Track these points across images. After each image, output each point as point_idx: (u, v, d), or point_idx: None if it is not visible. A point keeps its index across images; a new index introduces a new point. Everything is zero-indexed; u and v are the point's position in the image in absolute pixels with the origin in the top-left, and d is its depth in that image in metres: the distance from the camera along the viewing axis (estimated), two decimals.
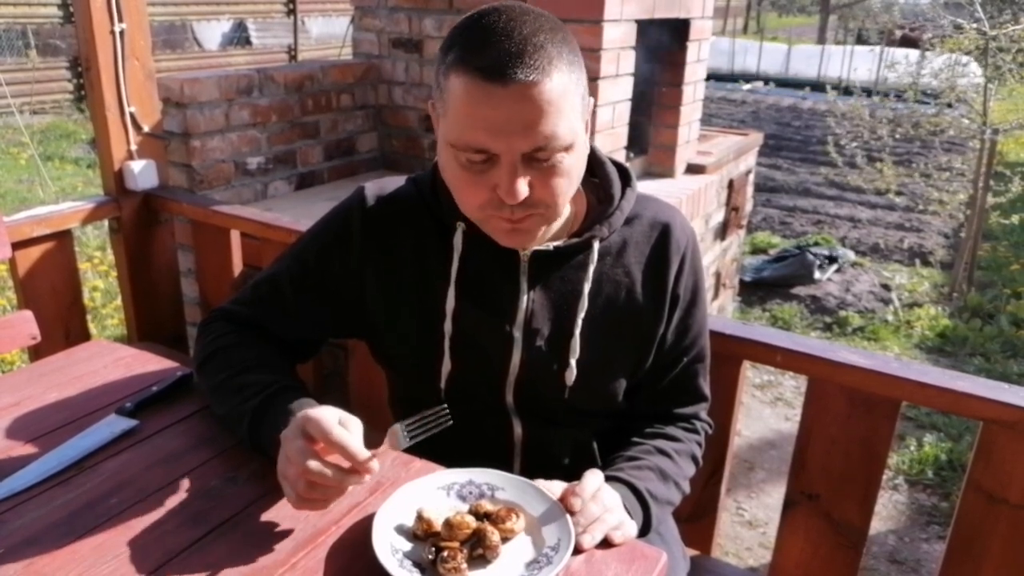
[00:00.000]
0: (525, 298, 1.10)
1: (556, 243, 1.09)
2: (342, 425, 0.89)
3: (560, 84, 0.91)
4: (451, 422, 0.94)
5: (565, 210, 1.11)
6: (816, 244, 5.26)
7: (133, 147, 2.23)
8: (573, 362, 1.10)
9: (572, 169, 0.98)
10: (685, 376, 1.19)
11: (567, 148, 0.95)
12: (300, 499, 0.88)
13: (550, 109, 0.91)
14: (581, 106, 0.97)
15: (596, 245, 1.10)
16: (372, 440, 1.02)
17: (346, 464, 0.87)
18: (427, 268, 1.11)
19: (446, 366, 1.11)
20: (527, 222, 0.99)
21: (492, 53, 0.89)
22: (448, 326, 1.09)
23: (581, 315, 1.09)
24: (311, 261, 1.16)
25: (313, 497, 0.88)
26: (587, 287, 1.10)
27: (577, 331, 1.09)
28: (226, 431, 1.10)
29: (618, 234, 1.13)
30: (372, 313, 1.15)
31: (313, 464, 0.86)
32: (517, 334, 1.09)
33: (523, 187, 0.93)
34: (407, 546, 0.88)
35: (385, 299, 1.13)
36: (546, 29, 0.92)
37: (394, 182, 1.17)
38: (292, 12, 11.30)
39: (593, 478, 0.98)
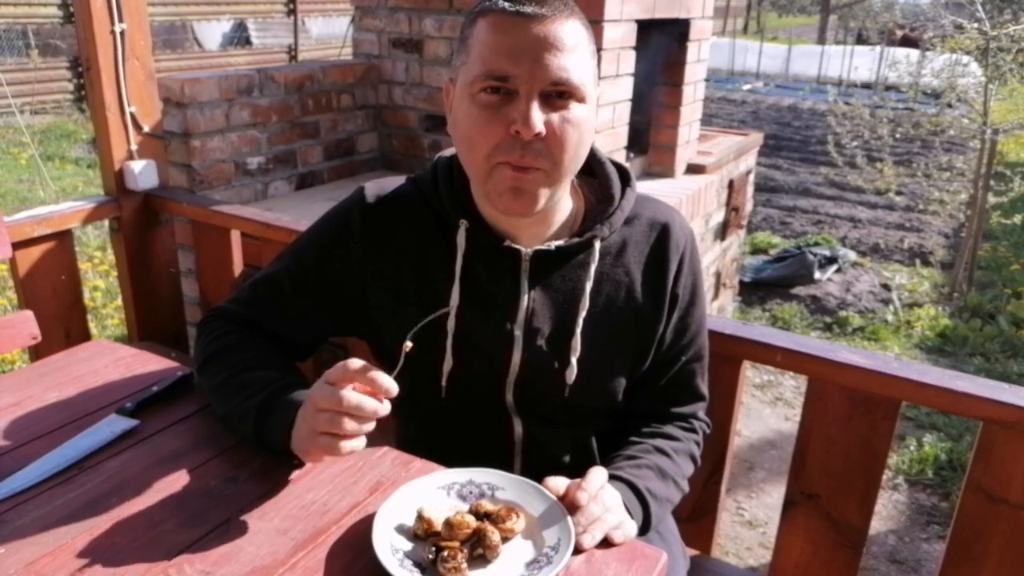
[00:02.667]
0: (526, 297, 1.10)
1: (557, 242, 1.09)
2: None
3: (578, 34, 0.98)
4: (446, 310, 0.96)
5: (567, 206, 1.11)
6: (816, 244, 5.26)
7: (133, 147, 2.23)
8: (574, 361, 1.10)
9: (583, 125, 0.99)
10: (683, 375, 1.20)
11: (582, 98, 0.98)
12: (339, 439, 0.88)
13: (569, 46, 0.96)
14: (593, 77, 1.01)
15: (597, 244, 1.10)
16: (371, 439, 1.02)
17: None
18: (429, 266, 1.11)
19: (447, 364, 1.11)
20: (530, 178, 0.98)
21: None
22: (451, 323, 1.09)
23: (583, 314, 1.10)
24: (311, 260, 1.16)
25: (350, 431, 0.88)
26: (589, 286, 1.10)
27: (578, 330, 1.10)
28: (227, 430, 1.10)
29: (618, 234, 1.13)
30: (373, 312, 1.15)
31: (349, 393, 0.86)
32: (518, 333, 1.10)
33: (539, 119, 0.95)
34: (407, 546, 0.88)
35: (386, 297, 1.13)
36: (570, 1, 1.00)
37: (394, 181, 1.17)
38: (292, 12, 11.30)
39: (598, 474, 0.98)
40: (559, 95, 0.96)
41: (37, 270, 2.04)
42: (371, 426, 0.89)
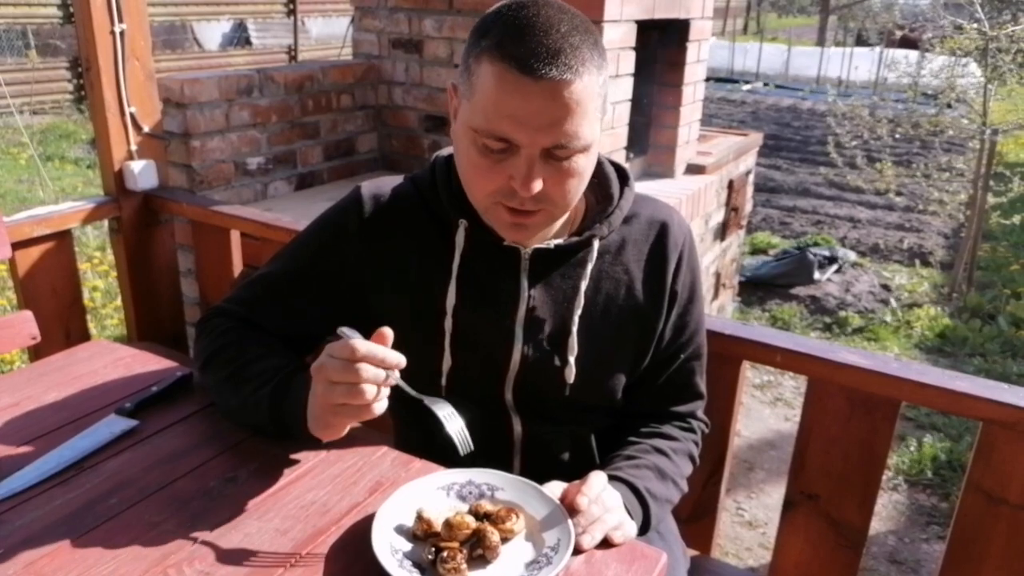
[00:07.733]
0: (526, 296, 1.10)
1: (557, 241, 1.09)
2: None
3: (589, 86, 0.94)
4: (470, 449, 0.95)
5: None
6: (816, 244, 5.25)
7: (133, 147, 2.23)
8: (572, 360, 1.10)
9: (585, 170, 1.00)
10: (682, 373, 1.20)
11: (585, 149, 0.97)
12: (362, 408, 0.88)
13: (577, 109, 0.93)
14: (603, 108, 1.00)
15: (596, 244, 1.11)
16: (371, 439, 1.02)
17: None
18: (427, 265, 1.11)
19: (446, 363, 1.11)
20: (533, 217, 1.00)
21: (529, 46, 0.90)
22: (448, 323, 1.09)
23: (578, 313, 1.10)
24: (308, 259, 1.16)
25: (369, 399, 0.88)
26: (584, 285, 1.10)
27: (574, 329, 1.10)
28: (237, 424, 1.10)
29: (617, 233, 1.13)
30: (371, 310, 1.15)
31: (365, 365, 0.86)
32: (518, 331, 1.10)
33: (538, 182, 0.95)
34: (407, 546, 0.88)
35: (384, 296, 1.13)
36: (581, 30, 0.94)
37: (391, 181, 1.17)
38: (292, 12, 11.29)
39: (598, 479, 0.98)
40: (561, 147, 0.95)
41: (37, 270, 2.04)
42: (387, 393, 0.90)
